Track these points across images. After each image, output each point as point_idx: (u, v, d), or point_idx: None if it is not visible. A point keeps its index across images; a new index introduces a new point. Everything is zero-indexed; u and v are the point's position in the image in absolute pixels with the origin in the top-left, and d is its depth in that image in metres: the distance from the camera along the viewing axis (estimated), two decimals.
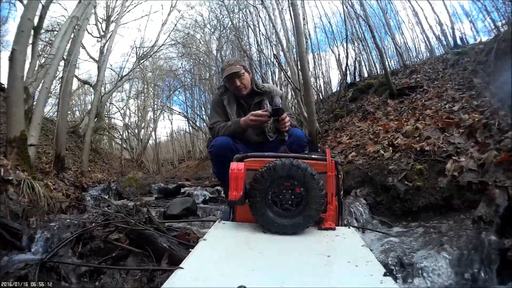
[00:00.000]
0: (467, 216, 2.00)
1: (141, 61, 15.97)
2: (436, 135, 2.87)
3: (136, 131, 20.86)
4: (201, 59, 16.79)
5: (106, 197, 5.56)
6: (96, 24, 12.98)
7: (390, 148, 3.14)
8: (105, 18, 13.85)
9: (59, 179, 5.01)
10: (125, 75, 15.38)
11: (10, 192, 2.80)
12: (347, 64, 9.02)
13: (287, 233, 1.18)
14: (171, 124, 40.88)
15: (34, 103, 5.38)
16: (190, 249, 1.38)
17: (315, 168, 1.27)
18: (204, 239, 1.09)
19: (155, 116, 21.16)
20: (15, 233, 2.32)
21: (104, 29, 13.60)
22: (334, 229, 1.26)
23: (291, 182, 1.23)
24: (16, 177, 3.03)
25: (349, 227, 1.33)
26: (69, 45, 7.50)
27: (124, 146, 20.41)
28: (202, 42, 16.88)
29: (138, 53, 15.32)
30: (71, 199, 3.80)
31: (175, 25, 16.07)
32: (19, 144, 3.62)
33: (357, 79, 9.52)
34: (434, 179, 2.51)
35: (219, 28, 13.71)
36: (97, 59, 13.07)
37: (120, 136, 20.51)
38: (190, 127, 21.86)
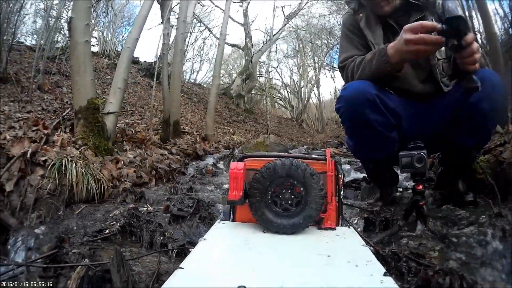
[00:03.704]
0: None
1: (289, 20, 19.79)
2: None
3: (296, 90, 25.51)
4: None
5: (222, 167, 5.74)
6: None
7: None
8: None
9: (161, 147, 5.59)
10: (274, 34, 19.47)
11: (32, 177, 2.91)
12: None
13: (287, 233, 1.42)
14: (334, 82, 45.73)
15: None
16: None
17: (315, 167, 1.49)
18: (204, 239, 1.33)
19: (316, 74, 24.98)
20: (7, 230, 2.41)
21: None
22: (334, 229, 1.50)
23: (290, 182, 1.47)
24: (64, 154, 3.19)
25: (349, 227, 1.55)
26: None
27: (283, 104, 26.81)
28: None
29: (284, 12, 19.80)
30: (152, 176, 4.07)
31: None
32: (85, 115, 4.00)
33: None
34: None
35: None
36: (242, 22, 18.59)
37: (279, 96, 26.53)
38: None
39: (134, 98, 12.15)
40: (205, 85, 21.16)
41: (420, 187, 1.81)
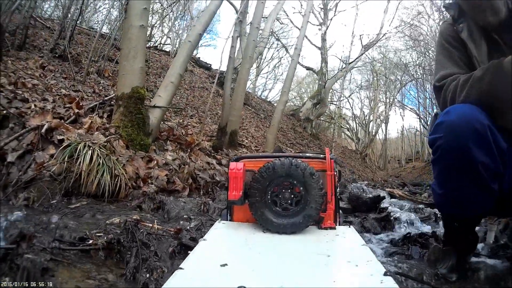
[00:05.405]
0: None
1: (366, 50, 21.39)
2: None
3: (364, 123, 27.28)
4: (429, 52, 20.21)
5: None
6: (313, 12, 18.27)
7: None
8: (323, 6, 20.29)
9: (210, 155, 5.50)
10: (350, 62, 21.01)
11: (40, 154, 2.81)
12: None
13: (287, 233, 1.48)
14: (402, 120, 47.47)
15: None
16: None
17: (314, 167, 1.56)
18: (204, 239, 1.40)
19: (386, 110, 26.68)
20: None
21: (322, 17, 20.38)
22: (334, 228, 1.56)
23: (290, 182, 1.54)
24: (86, 138, 3.08)
25: (349, 226, 1.59)
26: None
27: (349, 135, 29.04)
28: (428, 34, 20.48)
29: (362, 42, 21.25)
30: (188, 184, 3.85)
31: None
32: (127, 103, 4.00)
33: None
34: None
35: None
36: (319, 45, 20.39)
37: (347, 126, 28.67)
38: (421, 126, 26.22)
39: (199, 102, 12.56)
40: (275, 104, 22.54)
41: None
